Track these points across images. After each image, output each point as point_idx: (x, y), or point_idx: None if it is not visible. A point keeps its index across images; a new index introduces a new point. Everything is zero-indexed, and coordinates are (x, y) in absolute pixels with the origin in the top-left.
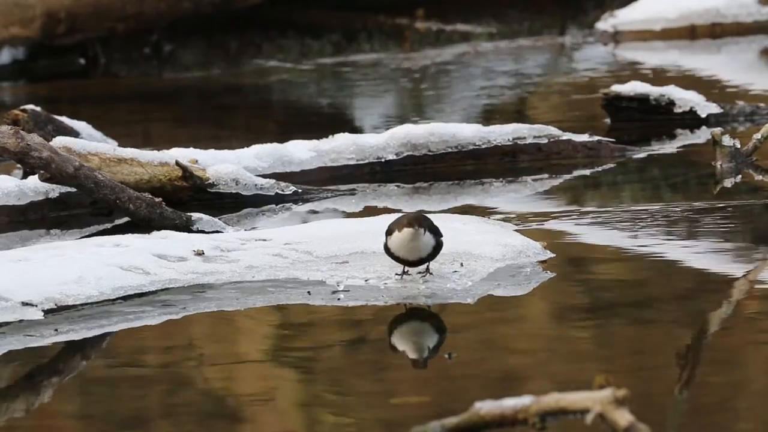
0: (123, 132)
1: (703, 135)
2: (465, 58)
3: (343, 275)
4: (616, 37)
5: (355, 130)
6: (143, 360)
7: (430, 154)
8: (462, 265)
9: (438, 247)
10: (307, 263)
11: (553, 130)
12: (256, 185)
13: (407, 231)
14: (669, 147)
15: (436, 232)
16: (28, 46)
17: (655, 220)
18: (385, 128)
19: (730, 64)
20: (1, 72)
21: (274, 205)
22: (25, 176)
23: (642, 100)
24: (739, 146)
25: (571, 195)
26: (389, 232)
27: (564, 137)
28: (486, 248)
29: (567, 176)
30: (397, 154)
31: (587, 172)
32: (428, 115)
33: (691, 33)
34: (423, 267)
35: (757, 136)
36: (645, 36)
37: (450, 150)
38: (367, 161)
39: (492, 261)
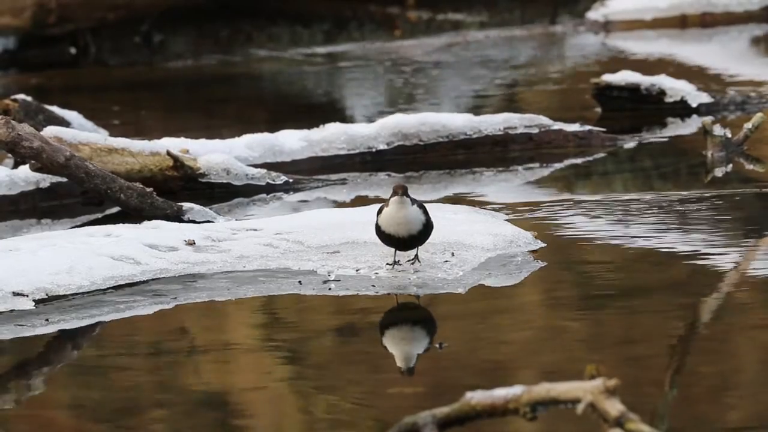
0: (114, 122)
1: (693, 124)
2: (456, 47)
3: (334, 265)
4: (607, 26)
5: (346, 119)
6: (134, 349)
7: (421, 143)
8: (453, 254)
9: (428, 226)
10: (298, 253)
11: (543, 120)
12: (247, 175)
13: (394, 199)
14: (660, 136)
15: (425, 210)
16: (19, 35)
17: (645, 210)
18: (376, 118)
19: (720, 54)
20: None
21: (265, 195)
22: (16, 166)
23: (633, 89)
24: (729, 135)
25: (562, 184)
26: (379, 212)
27: (555, 127)
28: (477, 238)
29: (558, 166)
30: (387, 144)
31: (578, 161)
32: (419, 104)
33: (681, 22)
34: (412, 253)
35: (748, 125)
36: (636, 25)
37: (441, 139)
38: (357, 151)
39: (483, 251)
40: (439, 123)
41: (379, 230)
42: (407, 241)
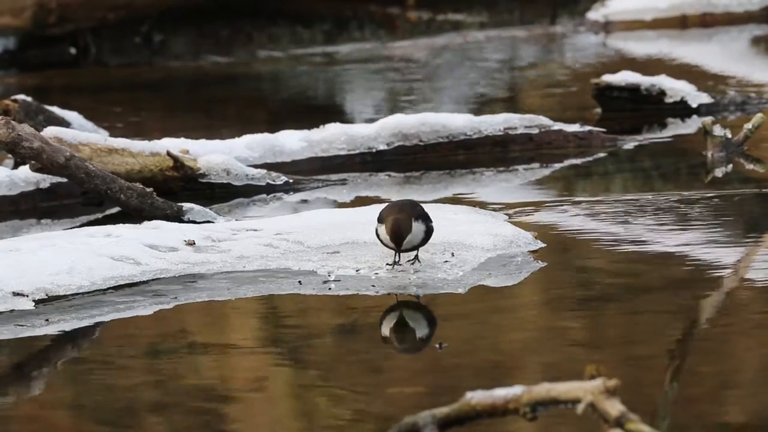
0: (114, 122)
1: (693, 125)
2: (456, 48)
3: (334, 265)
4: (607, 26)
5: (346, 120)
6: (134, 350)
7: (421, 144)
8: (453, 254)
9: (429, 232)
10: (298, 253)
11: (544, 120)
12: (247, 175)
13: (390, 236)
14: (660, 137)
15: (425, 218)
16: (19, 35)
17: (646, 210)
18: (376, 118)
19: (720, 54)
20: None
21: (265, 195)
22: (16, 166)
23: (633, 89)
24: (729, 136)
25: (562, 185)
26: (380, 220)
27: (555, 127)
28: (477, 238)
29: (558, 166)
30: (388, 144)
31: (578, 161)
32: (419, 104)
33: (681, 22)
34: (412, 254)
35: (748, 125)
36: (636, 25)
37: (441, 140)
38: (358, 151)
39: (483, 251)
40: (440, 123)
41: (378, 238)
42: (408, 251)
